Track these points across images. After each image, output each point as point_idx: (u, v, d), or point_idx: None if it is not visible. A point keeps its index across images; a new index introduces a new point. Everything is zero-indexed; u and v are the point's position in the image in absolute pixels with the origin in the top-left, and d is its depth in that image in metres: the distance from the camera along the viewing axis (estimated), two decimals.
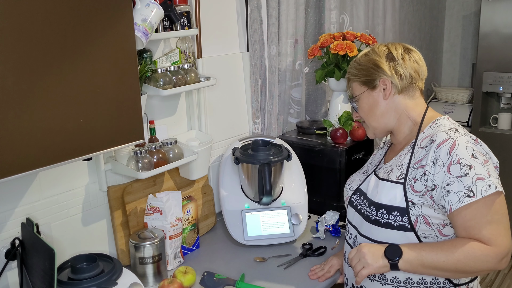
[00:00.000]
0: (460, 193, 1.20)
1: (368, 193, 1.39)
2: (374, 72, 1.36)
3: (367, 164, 1.57)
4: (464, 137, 1.26)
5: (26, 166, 1.10)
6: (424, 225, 1.27)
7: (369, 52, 1.40)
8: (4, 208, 1.39)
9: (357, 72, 1.40)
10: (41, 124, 1.10)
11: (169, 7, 1.56)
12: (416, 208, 1.26)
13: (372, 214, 1.33)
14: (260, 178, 1.79)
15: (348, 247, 1.46)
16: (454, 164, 1.21)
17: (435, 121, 1.34)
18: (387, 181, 1.34)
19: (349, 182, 1.54)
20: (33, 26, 1.05)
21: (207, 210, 1.97)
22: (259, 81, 2.12)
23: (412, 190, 1.27)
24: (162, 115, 1.81)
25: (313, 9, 2.45)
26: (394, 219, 1.29)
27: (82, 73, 1.16)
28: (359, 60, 1.41)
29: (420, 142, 1.32)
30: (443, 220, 1.26)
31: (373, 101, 1.38)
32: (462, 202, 1.19)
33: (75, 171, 1.56)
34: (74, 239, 1.58)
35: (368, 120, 1.42)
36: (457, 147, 1.23)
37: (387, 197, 1.31)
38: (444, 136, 1.26)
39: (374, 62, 1.36)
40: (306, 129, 2.28)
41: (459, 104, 3.75)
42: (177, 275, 1.54)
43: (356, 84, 1.41)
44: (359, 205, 1.42)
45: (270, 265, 1.69)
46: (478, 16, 3.56)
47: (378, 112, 1.38)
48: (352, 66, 1.43)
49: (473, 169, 1.20)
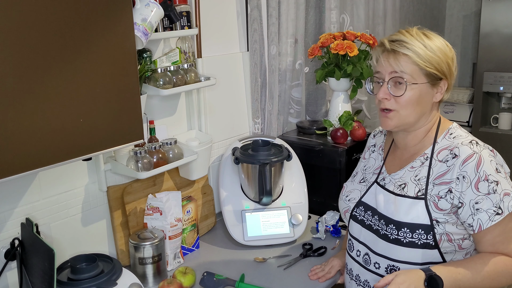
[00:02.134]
0: (489, 211, 1.18)
1: (380, 209, 1.31)
2: (445, 71, 1.25)
3: (361, 171, 1.49)
4: (486, 150, 1.23)
5: (26, 166, 1.10)
6: (447, 242, 1.24)
7: (444, 47, 1.26)
8: (4, 208, 1.39)
9: (430, 59, 1.22)
10: (41, 124, 1.10)
11: (169, 6, 1.56)
12: (440, 227, 1.22)
13: (391, 233, 1.26)
14: (260, 178, 1.79)
15: (355, 264, 1.39)
16: (482, 181, 1.19)
17: (448, 131, 1.30)
18: (406, 197, 1.27)
19: (347, 194, 1.46)
20: (33, 26, 1.05)
21: (207, 210, 1.97)
22: (259, 81, 2.12)
23: (436, 208, 1.23)
24: (162, 115, 1.81)
25: (313, 8, 2.45)
26: (419, 238, 1.23)
27: (82, 73, 1.16)
28: (432, 47, 1.23)
29: (437, 155, 1.27)
30: (463, 235, 1.25)
31: (424, 96, 1.26)
32: (492, 221, 1.18)
33: (75, 171, 1.55)
34: (74, 239, 1.58)
35: (403, 109, 1.26)
36: (484, 163, 1.20)
37: (408, 215, 1.24)
38: (469, 151, 1.22)
39: (448, 62, 1.26)
40: (306, 129, 2.27)
41: (460, 104, 3.75)
42: (177, 275, 1.53)
43: (417, 69, 1.23)
44: (367, 220, 1.35)
45: (270, 265, 1.69)
46: (478, 16, 3.56)
47: (419, 109, 1.26)
48: (419, 46, 1.22)
49: (499, 185, 1.19)
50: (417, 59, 1.22)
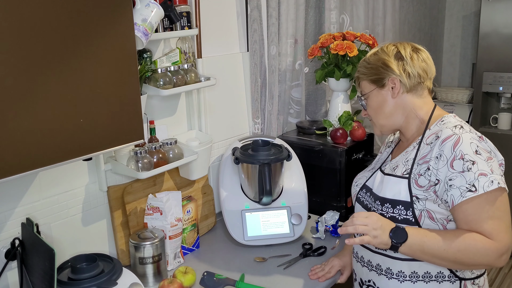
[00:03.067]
0: (462, 188, 1.22)
1: (373, 188, 1.42)
2: (383, 71, 1.39)
3: (374, 162, 1.59)
4: (469, 133, 1.28)
5: (26, 166, 1.10)
6: (428, 219, 1.29)
7: (378, 52, 1.42)
8: (4, 208, 1.39)
9: (367, 70, 1.43)
10: (41, 124, 1.10)
11: (169, 7, 1.56)
12: (420, 203, 1.29)
13: (377, 208, 1.36)
14: (260, 178, 1.79)
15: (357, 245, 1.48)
16: (457, 159, 1.23)
17: (441, 118, 1.36)
18: (392, 176, 1.36)
19: (356, 180, 1.56)
20: (33, 26, 1.05)
21: (207, 210, 1.97)
22: (259, 81, 2.12)
23: (416, 185, 1.30)
24: (162, 115, 1.81)
25: (313, 9, 2.45)
26: (399, 213, 1.31)
27: (82, 73, 1.16)
28: (369, 59, 1.44)
29: (426, 139, 1.35)
30: (447, 216, 1.29)
31: (382, 100, 1.41)
32: (464, 197, 1.21)
33: (75, 171, 1.56)
34: (74, 239, 1.58)
35: (376, 118, 1.45)
36: (461, 143, 1.25)
37: (391, 191, 1.34)
38: (449, 132, 1.28)
39: (383, 61, 1.39)
40: (306, 129, 2.28)
41: (459, 104, 3.75)
42: (177, 275, 1.54)
43: (365, 82, 1.44)
44: (365, 201, 1.45)
45: (270, 265, 1.69)
46: (478, 16, 3.56)
47: (387, 110, 1.41)
48: (362, 65, 1.46)
49: (476, 165, 1.22)
50: (361, 75, 1.45)
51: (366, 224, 1.26)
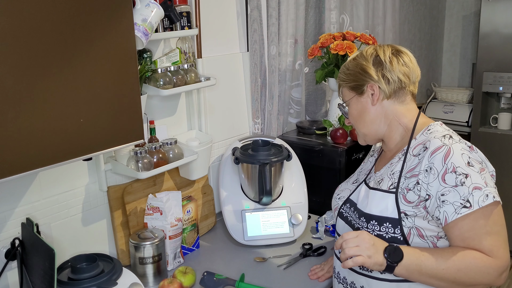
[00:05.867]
0: (456, 204, 1.14)
1: (358, 203, 1.33)
2: (361, 77, 1.31)
3: (357, 173, 1.51)
4: (459, 144, 1.20)
5: (26, 166, 1.10)
6: (417, 237, 1.20)
7: (357, 57, 1.35)
8: (4, 208, 1.39)
9: (346, 77, 1.36)
10: (41, 124, 1.10)
11: (169, 7, 1.56)
12: (409, 220, 1.20)
13: (362, 226, 1.27)
14: (260, 178, 1.79)
15: (337, 262, 1.39)
16: (449, 172, 1.15)
17: (427, 127, 1.28)
18: (378, 190, 1.27)
19: (338, 192, 1.47)
20: (33, 26, 1.05)
21: (207, 210, 1.97)
22: (259, 81, 2.12)
23: (404, 201, 1.21)
24: (162, 115, 1.81)
25: (313, 9, 2.45)
26: (386, 231, 1.22)
27: (82, 73, 1.16)
28: (348, 65, 1.36)
29: (412, 150, 1.26)
30: (437, 233, 1.20)
31: (361, 107, 1.33)
32: (458, 214, 1.13)
33: (75, 171, 1.56)
34: (74, 239, 1.58)
35: (358, 127, 1.37)
36: (452, 155, 1.17)
37: (378, 207, 1.25)
38: (438, 143, 1.20)
39: (361, 66, 1.31)
40: (306, 129, 2.28)
41: (459, 104, 3.75)
42: (177, 275, 1.54)
43: (346, 89, 1.37)
44: (349, 216, 1.36)
45: (270, 265, 1.69)
46: (478, 16, 3.56)
47: (367, 118, 1.33)
48: (342, 71, 1.39)
49: (469, 178, 1.14)
50: (341, 82, 1.39)
51: (357, 245, 1.16)
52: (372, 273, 1.27)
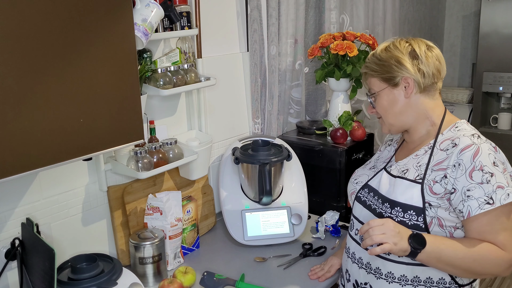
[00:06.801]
0: (480, 200, 1.20)
1: (381, 190, 1.36)
2: (397, 70, 1.31)
3: (373, 160, 1.54)
4: (486, 144, 1.26)
5: (26, 166, 1.10)
6: (437, 227, 1.26)
7: (390, 48, 1.34)
8: (4, 208, 1.39)
9: (377, 67, 1.35)
10: (41, 124, 1.10)
11: (169, 7, 1.56)
12: (432, 210, 1.26)
13: (385, 211, 1.31)
14: (260, 178, 1.79)
15: (352, 243, 1.43)
16: (476, 170, 1.21)
17: (455, 124, 1.33)
18: (404, 179, 1.32)
19: (356, 177, 1.51)
20: (33, 26, 1.05)
21: (207, 210, 1.97)
22: (259, 81, 2.12)
23: (430, 192, 1.27)
24: (162, 115, 1.81)
25: (313, 9, 2.45)
26: (409, 218, 1.27)
27: (82, 73, 1.16)
28: (379, 55, 1.35)
29: (439, 144, 1.31)
30: (455, 224, 1.27)
31: (393, 99, 1.34)
32: (482, 209, 1.20)
33: (75, 171, 1.56)
34: (74, 239, 1.58)
35: (386, 117, 1.38)
36: (480, 154, 1.23)
37: (403, 195, 1.29)
38: (468, 142, 1.25)
39: (397, 58, 1.31)
40: (306, 129, 2.28)
41: (459, 104, 3.76)
42: (177, 275, 1.54)
43: (376, 80, 1.36)
44: (368, 201, 1.40)
45: (270, 265, 1.69)
46: (478, 16, 3.56)
47: (397, 109, 1.35)
48: (371, 60, 1.37)
49: (494, 177, 1.21)
50: (370, 72, 1.37)
51: (384, 232, 1.21)
52: (389, 256, 1.32)
